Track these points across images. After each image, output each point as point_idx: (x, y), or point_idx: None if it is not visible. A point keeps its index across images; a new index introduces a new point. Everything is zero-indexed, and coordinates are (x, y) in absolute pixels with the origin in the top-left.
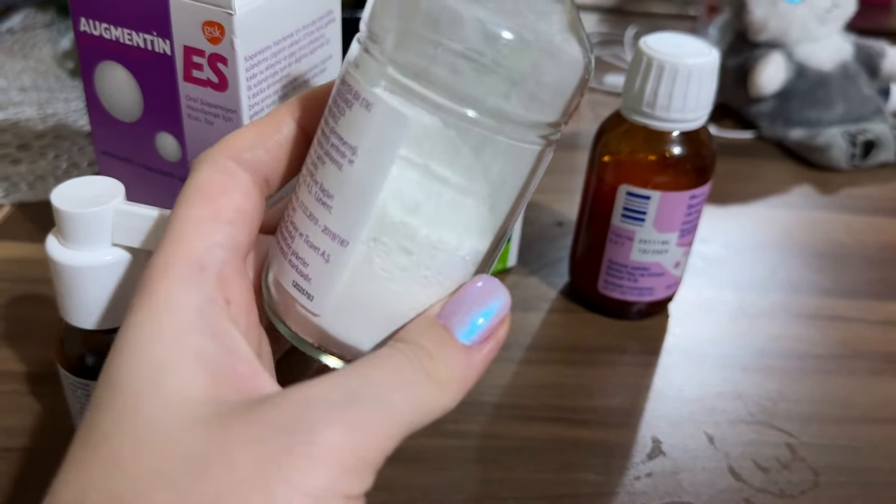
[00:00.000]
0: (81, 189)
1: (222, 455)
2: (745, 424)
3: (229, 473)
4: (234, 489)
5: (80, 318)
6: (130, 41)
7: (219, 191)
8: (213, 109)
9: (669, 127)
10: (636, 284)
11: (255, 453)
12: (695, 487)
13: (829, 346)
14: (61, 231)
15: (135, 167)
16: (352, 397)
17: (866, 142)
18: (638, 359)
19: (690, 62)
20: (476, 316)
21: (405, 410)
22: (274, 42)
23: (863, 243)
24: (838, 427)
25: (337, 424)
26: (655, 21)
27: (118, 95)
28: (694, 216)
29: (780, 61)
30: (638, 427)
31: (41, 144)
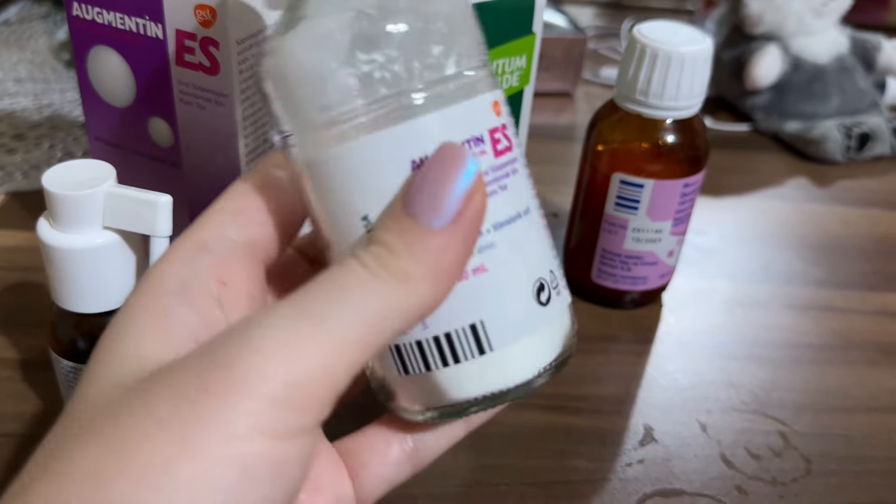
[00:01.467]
0: (73, 172)
1: (142, 401)
2: (738, 413)
3: (146, 418)
4: (150, 433)
5: (71, 302)
6: (123, 25)
7: (252, 193)
8: (204, 94)
9: (663, 115)
10: (629, 273)
11: (171, 393)
12: (686, 474)
13: (823, 337)
14: (52, 213)
15: (127, 153)
16: (285, 318)
17: (861, 134)
18: (631, 347)
19: (684, 50)
20: (443, 193)
21: (356, 322)
22: (266, 26)
23: (857, 235)
24: (831, 416)
25: (259, 351)
26: (652, 15)
27: (111, 80)
28: (687, 205)
29: (775, 54)
30: (630, 415)
31: (36, 134)
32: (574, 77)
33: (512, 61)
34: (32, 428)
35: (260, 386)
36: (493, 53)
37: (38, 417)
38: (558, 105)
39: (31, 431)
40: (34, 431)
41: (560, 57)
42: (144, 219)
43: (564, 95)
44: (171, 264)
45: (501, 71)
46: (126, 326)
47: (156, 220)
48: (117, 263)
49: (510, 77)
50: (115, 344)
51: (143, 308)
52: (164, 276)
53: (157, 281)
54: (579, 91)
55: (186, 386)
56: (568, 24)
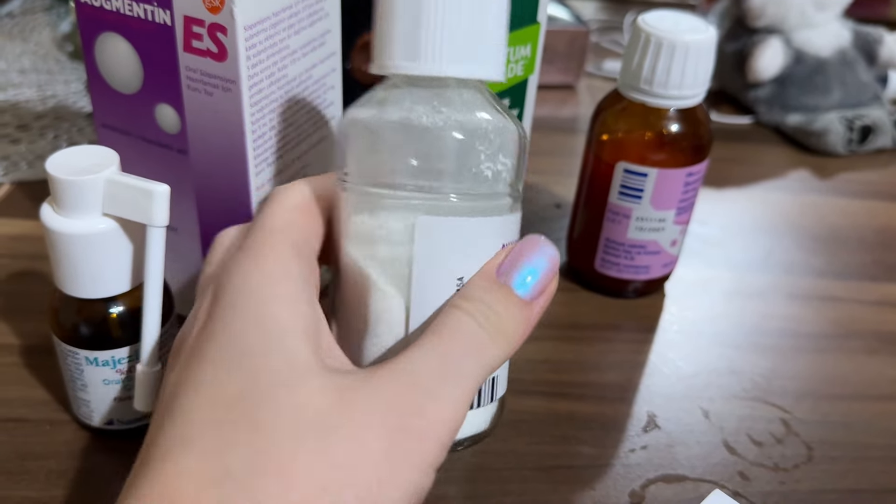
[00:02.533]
0: (78, 157)
1: (351, 425)
2: (740, 400)
3: (359, 445)
4: (362, 459)
5: (73, 287)
6: (131, 12)
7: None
8: (212, 80)
9: (667, 104)
10: (633, 263)
11: (379, 428)
12: (689, 460)
13: (823, 326)
14: (55, 198)
15: (134, 139)
16: (440, 374)
17: (863, 127)
18: (634, 336)
19: (688, 38)
20: (528, 272)
21: (479, 376)
22: (273, 13)
23: (858, 226)
24: (831, 404)
25: (440, 400)
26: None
27: (118, 67)
28: (691, 194)
29: (777, 47)
30: (633, 402)
31: (41, 125)
32: (577, 69)
33: (517, 51)
34: (39, 412)
35: (439, 432)
36: None
37: (44, 402)
38: (561, 97)
39: (38, 416)
40: (41, 416)
41: (563, 49)
42: (142, 207)
43: (567, 88)
44: (292, 261)
45: (506, 60)
46: (282, 325)
47: (152, 210)
48: (116, 250)
49: (515, 66)
50: (279, 348)
51: (292, 311)
52: (291, 274)
53: (289, 280)
54: (582, 84)
55: (392, 424)
56: (571, 16)
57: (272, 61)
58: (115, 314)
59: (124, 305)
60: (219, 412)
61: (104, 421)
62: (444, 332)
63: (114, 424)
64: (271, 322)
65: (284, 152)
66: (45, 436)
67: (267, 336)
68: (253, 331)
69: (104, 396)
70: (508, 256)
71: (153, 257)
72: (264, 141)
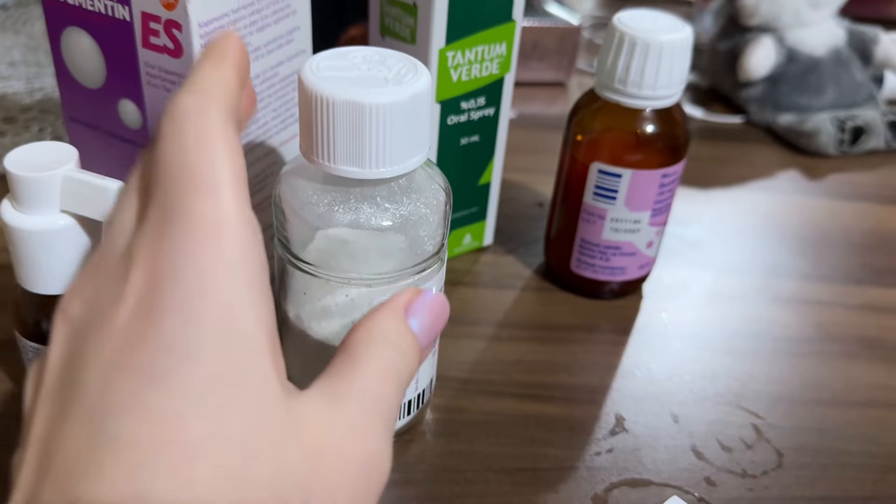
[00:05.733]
0: (37, 154)
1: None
2: (712, 404)
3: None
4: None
5: (31, 283)
6: (92, 7)
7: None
8: (170, 76)
9: (642, 104)
10: (608, 264)
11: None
12: (655, 465)
13: (804, 330)
14: (14, 195)
15: (100, 133)
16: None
17: (855, 128)
18: (608, 337)
19: (663, 38)
20: (435, 326)
21: (393, 412)
22: (232, 10)
23: (846, 229)
24: (806, 409)
25: (357, 434)
26: (651, 5)
27: (83, 61)
28: (667, 195)
29: (769, 46)
30: (603, 404)
31: (26, 118)
32: (568, 66)
33: (491, 48)
34: (7, 407)
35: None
36: (472, 40)
37: (8, 396)
38: (551, 94)
39: (4, 410)
40: (9, 411)
41: (554, 46)
42: (97, 204)
43: (558, 85)
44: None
45: (481, 58)
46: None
47: (107, 207)
48: (75, 246)
49: (490, 64)
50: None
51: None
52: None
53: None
54: (573, 81)
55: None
56: (562, 12)
57: None
58: None
59: None
60: (175, 456)
61: None
62: (359, 363)
63: None
64: (238, 339)
65: (248, 150)
66: (5, 431)
67: (233, 359)
68: (215, 348)
69: None
70: (419, 302)
71: None
72: None
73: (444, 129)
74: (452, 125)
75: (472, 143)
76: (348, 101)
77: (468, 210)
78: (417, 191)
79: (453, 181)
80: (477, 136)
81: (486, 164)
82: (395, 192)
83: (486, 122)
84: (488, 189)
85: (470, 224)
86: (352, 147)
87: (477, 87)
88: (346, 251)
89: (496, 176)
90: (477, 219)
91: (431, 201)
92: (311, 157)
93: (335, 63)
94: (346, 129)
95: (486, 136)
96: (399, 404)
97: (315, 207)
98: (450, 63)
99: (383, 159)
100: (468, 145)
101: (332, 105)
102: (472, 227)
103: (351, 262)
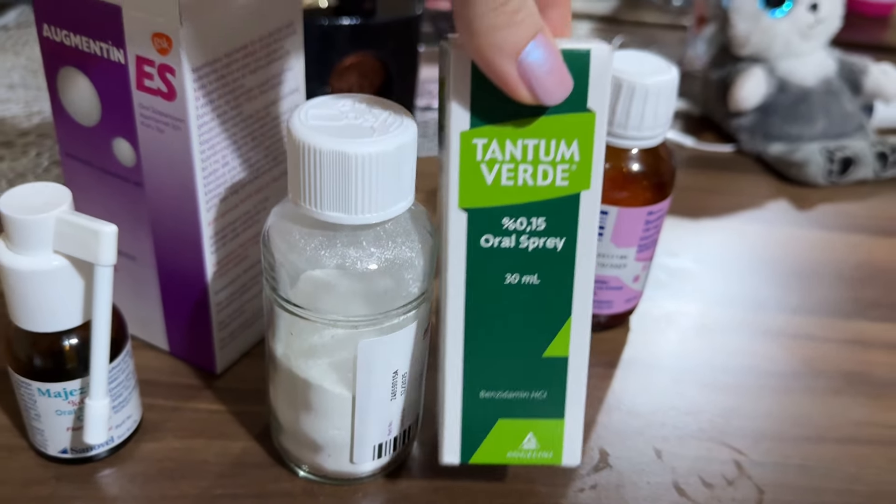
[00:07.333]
0: (31, 195)
1: None
2: (695, 440)
3: None
4: None
5: (26, 320)
6: (88, 49)
7: None
8: (163, 118)
9: (628, 144)
10: (596, 297)
11: None
12: (637, 502)
13: (791, 364)
14: (8, 235)
15: (95, 170)
16: None
17: (844, 158)
18: (595, 371)
19: (648, 81)
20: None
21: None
22: (225, 54)
23: (836, 261)
24: (790, 445)
25: None
26: (648, 30)
27: (79, 100)
28: (652, 232)
29: (760, 76)
30: (588, 439)
31: (24, 142)
32: None
33: (552, 147)
34: None
35: None
36: (518, 128)
37: (4, 428)
38: None
39: None
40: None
41: None
42: (90, 247)
43: None
44: None
45: (534, 158)
46: None
47: (99, 249)
48: (67, 286)
49: (551, 171)
50: None
51: None
52: None
53: None
54: None
55: None
56: None
57: (224, 100)
58: (68, 347)
59: (77, 338)
60: None
61: (58, 449)
62: None
63: (67, 453)
64: None
65: (240, 187)
66: (1, 462)
67: None
68: None
69: (57, 426)
70: None
71: (100, 296)
72: (216, 177)
73: (475, 253)
74: (489, 250)
75: (527, 287)
76: (335, 150)
77: (525, 393)
78: (404, 234)
79: (493, 341)
80: (535, 275)
81: (555, 323)
82: (380, 236)
83: (550, 258)
84: (564, 367)
85: (531, 417)
86: (338, 194)
87: (530, 199)
88: (332, 294)
89: (577, 349)
90: (544, 412)
91: (417, 245)
92: (299, 202)
93: (323, 112)
94: (332, 176)
95: (551, 279)
96: None
97: (302, 250)
98: (479, 156)
99: (368, 206)
100: (519, 287)
101: (319, 154)
102: (538, 424)
103: (336, 304)
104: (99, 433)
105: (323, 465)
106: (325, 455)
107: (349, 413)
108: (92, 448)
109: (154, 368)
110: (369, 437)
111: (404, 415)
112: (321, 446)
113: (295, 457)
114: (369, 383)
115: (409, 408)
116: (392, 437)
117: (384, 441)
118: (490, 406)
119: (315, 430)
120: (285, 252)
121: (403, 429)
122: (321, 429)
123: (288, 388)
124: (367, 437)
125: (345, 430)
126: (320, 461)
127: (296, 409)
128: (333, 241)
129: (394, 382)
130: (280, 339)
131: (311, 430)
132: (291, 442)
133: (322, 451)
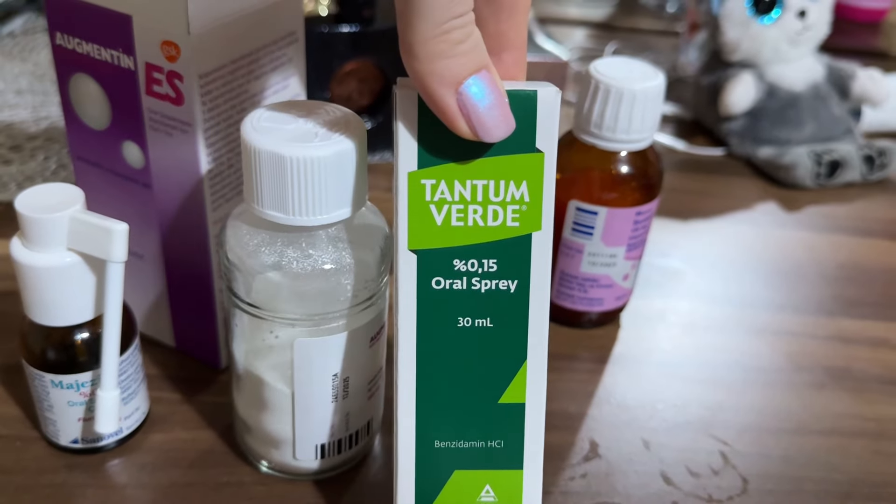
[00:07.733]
0: (45, 195)
1: None
2: (682, 432)
3: None
4: None
5: (40, 315)
6: (99, 56)
7: None
8: (171, 122)
9: (616, 147)
10: (586, 295)
11: None
12: (626, 489)
13: (775, 360)
14: (23, 233)
15: (105, 171)
16: None
17: (832, 162)
18: (586, 366)
19: (636, 87)
20: None
21: None
22: (231, 61)
23: (820, 261)
24: (773, 437)
25: None
26: (641, 37)
27: (90, 105)
28: (641, 231)
29: (749, 81)
30: (578, 430)
31: (32, 146)
32: None
33: (501, 188)
34: (11, 429)
35: None
36: (466, 169)
37: (17, 419)
38: None
39: (9, 432)
40: (12, 432)
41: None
42: (102, 244)
43: None
44: None
45: (483, 198)
46: None
47: (111, 247)
48: (80, 282)
49: (501, 211)
50: None
51: None
52: None
53: None
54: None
55: None
56: (552, 46)
57: (230, 105)
58: (80, 341)
59: (89, 332)
60: None
61: (69, 439)
62: None
63: (78, 443)
64: None
65: (233, 194)
66: (15, 451)
67: None
68: None
69: (69, 417)
70: None
71: (112, 291)
72: (222, 179)
73: (426, 295)
74: (440, 292)
75: (481, 330)
76: (271, 152)
77: (482, 442)
78: (348, 240)
79: (447, 387)
80: (488, 318)
81: (510, 367)
82: (321, 239)
83: (503, 301)
84: (521, 414)
85: (488, 468)
86: (276, 194)
87: (480, 241)
88: (270, 291)
89: (534, 394)
90: (502, 463)
91: (362, 252)
92: (249, 202)
93: (277, 115)
94: (270, 177)
95: (504, 323)
96: None
97: (245, 246)
98: (428, 196)
99: (305, 209)
100: (472, 331)
101: (259, 155)
102: (496, 475)
103: (275, 302)
104: (110, 422)
105: (273, 459)
106: (273, 449)
107: (290, 410)
108: (102, 438)
109: (161, 363)
110: (310, 435)
111: (350, 419)
112: (274, 440)
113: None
114: (307, 383)
115: (356, 413)
116: (335, 439)
117: (326, 442)
118: (445, 456)
119: (264, 424)
120: (233, 247)
121: (350, 433)
122: (267, 423)
123: (246, 388)
124: (308, 436)
125: (287, 426)
126: (272, 455)
127: (256, 410)
128: (275, 239)
129: (335, 385)
130: (234, 335)
131: (262, 425)
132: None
133: (271, 446)
